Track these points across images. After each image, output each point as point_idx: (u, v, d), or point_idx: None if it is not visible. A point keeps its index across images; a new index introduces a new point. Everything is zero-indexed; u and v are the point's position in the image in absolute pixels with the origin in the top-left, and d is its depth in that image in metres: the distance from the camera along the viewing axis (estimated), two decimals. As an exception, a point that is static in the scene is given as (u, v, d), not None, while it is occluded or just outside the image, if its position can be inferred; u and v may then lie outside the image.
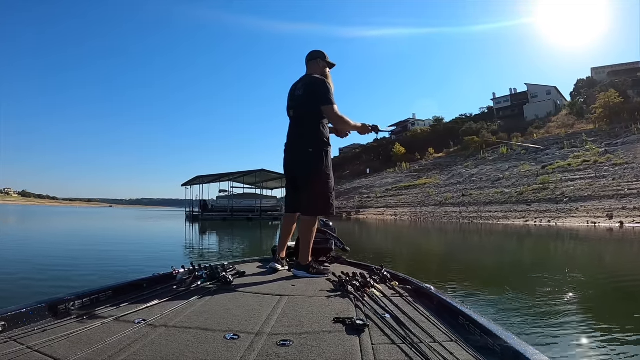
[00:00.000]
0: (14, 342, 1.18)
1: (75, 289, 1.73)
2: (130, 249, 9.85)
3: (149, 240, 13.31)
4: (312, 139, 2.64)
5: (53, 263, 6.54)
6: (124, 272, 5.65)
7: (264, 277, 2.44)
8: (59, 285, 4.58)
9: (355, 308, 1.72)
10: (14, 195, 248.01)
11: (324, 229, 3.00)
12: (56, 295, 1.57)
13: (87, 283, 4.63)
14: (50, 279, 5.13)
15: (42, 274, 5.45)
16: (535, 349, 1.08)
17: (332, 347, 1.23)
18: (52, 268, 5.98)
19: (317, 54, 2.83)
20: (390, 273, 2.38)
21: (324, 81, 2.66)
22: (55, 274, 5.44)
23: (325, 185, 2.65)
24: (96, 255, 8.09)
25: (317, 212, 2.68)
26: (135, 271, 5.31)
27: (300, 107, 2.70)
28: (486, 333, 1.27)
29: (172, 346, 1.20)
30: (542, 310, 3.79)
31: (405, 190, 40.02)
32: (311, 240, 2.61)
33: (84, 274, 5.55)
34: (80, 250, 8.97)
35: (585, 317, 3.58)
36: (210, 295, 1.89)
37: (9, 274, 5.51)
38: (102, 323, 1.38)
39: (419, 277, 2.34)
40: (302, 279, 2.39)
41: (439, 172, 42.63)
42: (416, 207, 32.71)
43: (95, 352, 1.13)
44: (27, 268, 5.97)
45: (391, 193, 41.33)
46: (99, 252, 8.76)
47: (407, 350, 1.20)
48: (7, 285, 4.70)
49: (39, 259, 6.97)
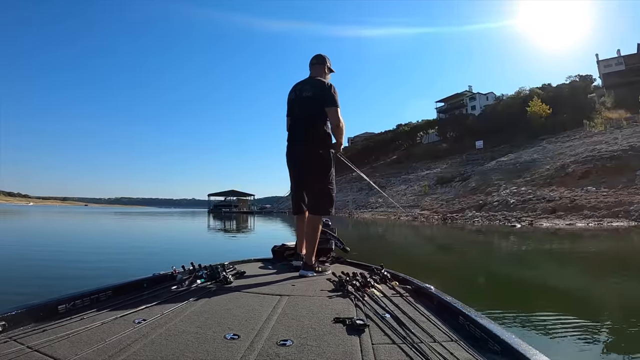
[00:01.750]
0: (14, 342, 1.19)
1: (76, 289, 1.72)
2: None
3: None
4: (321, 141, 2.74)
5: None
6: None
7: (264, 277, 2.45)
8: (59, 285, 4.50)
9: (356, 308, 1.73)
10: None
11: (324, 228, 3.02)
12: (56, 295, 1.56)
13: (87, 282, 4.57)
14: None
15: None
16: (536, 349, 1.09)
17: (332, 347, 1.24)
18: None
19: (323, 59, 2.91)
20: (391, 273, 2.39)
21: (333, 86, 2.75)
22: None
23: (330, 185, 2.77)
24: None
25: (323, 211, 2.75)
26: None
27: (309, 109, 2.75)
28: (486, 333, 1.28)
29: (172, 346, 1.21)
30: (543, 308, 3.74)
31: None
32: (317, 239, 2.70)
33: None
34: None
35: (586, 317, 3.51)
36: (210, 295, 1.89)
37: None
38: (102, 323, 1.38)
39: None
40: (302, 279, 2.40)
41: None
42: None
43: (95, 352, 1.13)
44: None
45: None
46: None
47: (407, 350, 1.21)
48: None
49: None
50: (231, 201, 60.51)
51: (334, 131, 2.78)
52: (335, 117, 2.71)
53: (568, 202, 17.94)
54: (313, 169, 2.76)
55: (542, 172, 24.01)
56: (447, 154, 43.64)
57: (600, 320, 3.43)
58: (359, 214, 33.49)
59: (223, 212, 51.46)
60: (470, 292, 4.46)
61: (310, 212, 2.77)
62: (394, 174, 44.58)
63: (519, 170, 26.64)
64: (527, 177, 24.52)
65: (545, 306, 3.86)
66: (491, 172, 28.75)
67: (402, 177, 41.90)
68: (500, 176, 26.89)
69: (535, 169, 25.10)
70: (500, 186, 24.81)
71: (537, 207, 18.78)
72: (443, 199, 28.42)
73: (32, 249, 8.29)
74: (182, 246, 10.32)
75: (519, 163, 28.03)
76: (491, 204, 21.98)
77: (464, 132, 46.84)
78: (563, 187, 20.53)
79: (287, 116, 2.92)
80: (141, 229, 18.58)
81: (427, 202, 29.64)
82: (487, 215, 20.15)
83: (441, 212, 24.49)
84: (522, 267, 6.76)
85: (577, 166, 22.17)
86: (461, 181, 31.43)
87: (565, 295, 4.57)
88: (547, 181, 22.41)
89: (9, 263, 6.28)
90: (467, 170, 33.66)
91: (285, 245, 3.20)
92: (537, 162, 26.38)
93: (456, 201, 26.16)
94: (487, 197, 23.68)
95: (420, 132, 57.86)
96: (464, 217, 21.08)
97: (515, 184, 24.04)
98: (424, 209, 27.54)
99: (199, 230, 18.16)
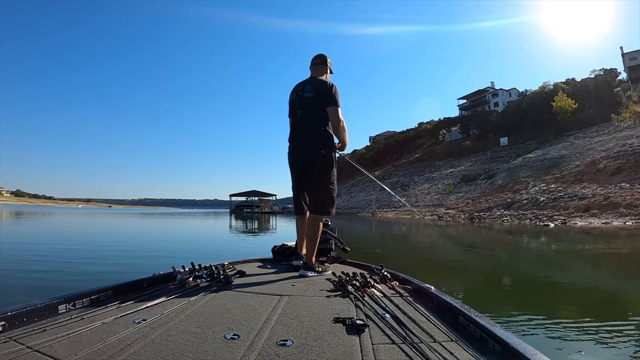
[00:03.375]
0: (14, 342, 1.20)
1: (75, 288, 1.74)
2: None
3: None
4: (324, 141, 2.75)
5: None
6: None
7: (264, 276, 2.47)
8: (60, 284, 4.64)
9: (355, 308, 1.72)
10: (6, 195, 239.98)
11: (324, 228, 3.01)
12: (56, 295, 1.57)
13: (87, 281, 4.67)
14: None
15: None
16: (536, 349, 1.09)
17: (332, 347, 1.24)
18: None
19: (324, 60, 2.92)
20: (391, 273, 2.39)
21: (334, 86, 2.75)
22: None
23: (332, 185, 2.78)
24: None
25: (324, 211, 2.76)
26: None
27: (310, 109, 2.76)
28: (486, 333, 1.28)
29: (172, 346, 1.21)
30: (544, 308, 3.70)
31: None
32: (318, 239, 2.71)
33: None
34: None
35: (587, 316, 3.50)
36: (210, 295, 1.90)
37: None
38: (102, 323, 1.39)
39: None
40: (302, 279, 2.41)
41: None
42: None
43: (95, 352, 1.14)
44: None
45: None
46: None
47: (407, 350, 1.21)
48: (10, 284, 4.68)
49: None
50: (253, 201, 61.13)
51: (335, 131, 2.77)
52: (336, 116, 2.70)
53: (602, 200, 17.19)
54: (314, 169, 2.76)
55: (572, 169, 23.14)
56: (471, 151, 42.80)
57: (615, 324, 3.32)
58: (382, 214, 33.34)
59: (245, 212, 52.31)
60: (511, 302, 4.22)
61: (311, 212, 2.78)
62: (417, 173, 43.98)
63: (547, 166, 25.72)
64: (556, 173, 23.67)
65: (576, 312, 3.76)
66: (518, 169, 27.85)
67: (426, 175, 41.24)
68: (528, 173, 26.05)
69: (565, 166, 24.21)
70: (528, 183, 24.06)
71: (569, 205, 18.09)
72: (469, 198, 27.83)
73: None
74: (206, 246, 10.61)
75: (546, 159, 27.03)
76: (520, 202, 21.33)
77: (487, 129, 45.75)
78: (595, 184, 19.70)
79: (289, 117, 2.93)
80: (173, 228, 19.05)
81: (452, 200, 29.10)
82: (516, 214, 19.58)
83: (467, 211, 23.99)
84: (573, 274, 6.21)
85: (609, 162, 21.21)
86: (487, 179, 30.70)
87: (590, 298, 4.42)
88: (577, 178, 21.56)
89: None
90: (493, 168, 32.87)
91: (285, 245, 3.22)
92: (566, 158, 25.44)
93: (483, 199, 25.51)
94: (515, 195, 23.00)
95: (442, 129, 56.82)
96: (492, 216, 20.59)
97: (544, 181, 23.27)
98: (449, 208, 27.06)
99: (221, 231, 18.49)
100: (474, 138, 48.00)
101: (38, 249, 8.56)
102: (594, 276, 5.84)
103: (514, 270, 6.20)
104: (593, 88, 38.98)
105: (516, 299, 4.40)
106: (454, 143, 49.61)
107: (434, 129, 57.92)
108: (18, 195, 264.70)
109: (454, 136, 53.26)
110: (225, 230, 18.60)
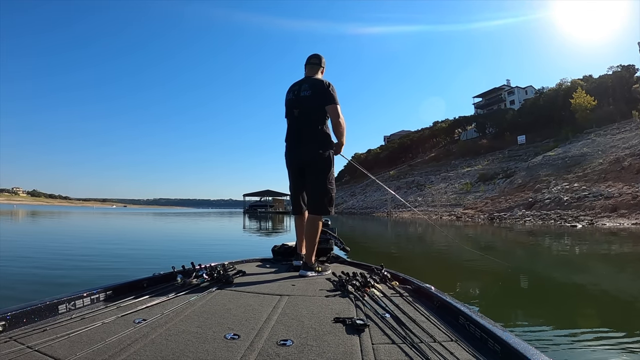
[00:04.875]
0: (14, 342, 1.20)
1: (75, 288, 1.74)
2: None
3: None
4: (322, 140, 2.75)
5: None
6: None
7: (264, 276, 2.47)
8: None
9: (356, 308, 1.72)
10: (22, 195, 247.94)
11: (324, 228, 3.01)
12: (56, 295, 1.58)
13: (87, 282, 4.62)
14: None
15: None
16: (536, 349, 1.07)
17: (332, 346, 1.24)
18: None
19: (319, 59, 2.92)
20: (391, 273, 2.37)
21: (331, 84, 2.74)
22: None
23: (330, 185, 2.76)
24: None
25: (323, 211, 2.74)
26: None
27: (308, 108, 2.75)
28: (486, 333, 1.27)
29: (172, 346, 1.21)
30: (544, 307, 3.62)
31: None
32: (317, 239, 2.70)
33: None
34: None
35: (588, 315, 3.45)
36: (211, 295, 1.90)
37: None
38: (102, 323, 1.39)
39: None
40: (302, 279, 2.40)
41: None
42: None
43: (95, 352, 1.14)
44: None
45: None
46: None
47: (407, 350, 1.21)
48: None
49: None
50: (267, 201, 60.68)
51: (335, 129, 2.77)
52: (336, 114, 2.70)
53: (630, 199, 16.50)
54: (312, 169, 2.75)
55: (595, 167, 22.44)
56: (488, 150, 42.18)
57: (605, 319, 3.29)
58: (398, 214, 33.08)
59: (258, 212, 52.11)
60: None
61: (310, 212, 2.77)
62: (433, 172, 43.53)
63: (568, 165, 25.05)
64: (578, 172, 22.99)
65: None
66: (538, 168, 27.24)
67: (442, 174, 40.74)
68: (549, 172, 25.40)
69: (587, 164, 23.54)
70: (549, 182, 23.40)
71: (595, 204, 17.41)
72: (487, 197, 27.28)
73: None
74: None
75: (568, 157, 26.37)
76: (542, 202, 20.70)
77: (504, 127, 45.02)
78: (621, 183, 18.95)
79: (286, 117, 2.92)
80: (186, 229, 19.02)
81: (470, 200, 28.62)
82: (539, 214, 18.96)
83: (487, 211, 23.45)
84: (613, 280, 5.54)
85: (634, 159, 20.46)
86: (505, 178, 30.09)
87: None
88: (601, 176, 20.83)
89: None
90: (511, 167, 32.18)
91: (285, 245, 3.22)
92: (588, 156, 24.80)
93: (502, 199, 24.91)
94: (536, 195, 22.36)
95: (458, 128, 56.25)
96: (513, 217, 19.95)
97: (566, 179, 22.59)
98: (468, 208, 26.63)
99: (235, 230, 18.46)
100: (491, 136, 47.35)
101: (37, 247, 8.62)
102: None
103: (545, 278, 5.77)
104: (611, 85, 38.06)
105: (539, 304, 4.15)
106: (470, 142, 48.98)
107: (449, 127, 57.33)
108: (34, 195, 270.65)
109: (470, 135, 52.57)
110: (239, 230, 18.52)
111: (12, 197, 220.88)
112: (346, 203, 49.66)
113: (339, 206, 49.22)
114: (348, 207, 46.66)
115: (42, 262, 6.13)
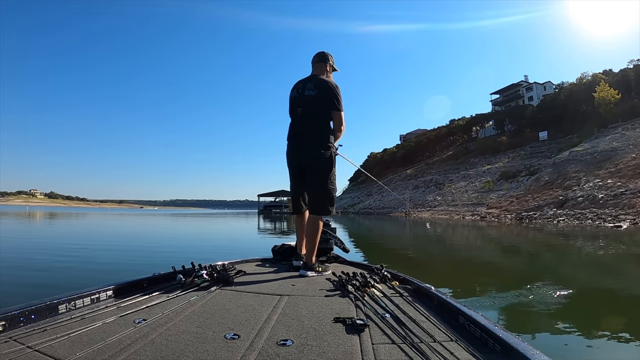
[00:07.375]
0: (14, 342, 1.19)
1: (75, 288, 1.75)
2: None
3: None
4: (324, 140, 2.71)
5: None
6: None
7: (264, 276, 2.46)
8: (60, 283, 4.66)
9: (356, 308, 1.71)
10: (40, 197, 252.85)
11: (324, 228, 2.99)
12: (56, 295, 1.59)
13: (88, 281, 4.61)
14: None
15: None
16: (536, 349, 1.06)
17: (332, 346, 1.22)
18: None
19: (326, 57, 2.88)
20: (391, 273, 2.35)
21: (338, 87, 2.72)
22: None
23: (331, 185, 2.74)
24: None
25: (324, 211, 2.72)
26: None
27: (312, 108, 2.73)
28: (486, 333, 1.25)
29: (172, 346, 1.21)
30: (543, 307, 3.53)
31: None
32: (318, 239, 2.68)
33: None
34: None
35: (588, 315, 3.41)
36: (211, 295, 1.90)
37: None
38: (102, 323, 1.39)
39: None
40: (302, 279, 2.39)
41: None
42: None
43: (95, 352, 1.13)
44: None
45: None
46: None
47: (407, 350, 1.19)
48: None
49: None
50: (282, 201, 59.59)
51: (337, 133, 2.76)
52: (340, 122, 2.72)
53: None
54: (314, 169, 2.73)
55: (628, 162, 21.25)
56: (508, 147, 41.26)
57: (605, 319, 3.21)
58: (416, 213, 32.45)
59: (273, 212, 50.99)
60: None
61: (310, 212, 2.74)
62: (452, 170, 42.83)
63: (598, 160, 23.84)
64: (610, 167, 21.86)
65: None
66: (566, 164, 26.05)
67: (461, 173, 40.00)
68: (578, 168, 24.27)
69: (619, 159, 22.34)
70: (580, 179, 22.29)
71: (635, 202, 16.23)
72: (512, 196, 26.37)
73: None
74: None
75: (597, 153, 25.11)
76: (574, 200, 19.59)
77: (523, 124, 44.17)
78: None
79: (290, 115, 2.89)
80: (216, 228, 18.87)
81: (494, 199, 27.79)
82: (572, 213, 17.88)
83: (513, 211, 22.55)
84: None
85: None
86: (529, 175, 29.20)
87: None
88: (636, 172, 19.70)
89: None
90: (534, 164, 31.28)
91: (285, 245, 3.20)
92: (619, 151, 23.60)
93: (529, 197, 23.89)
94: (567, 192, 21.29)
95: (475, 126, 55.37)
96: (544, 216, 18.96)
97: (598, 176, 21.49)
98: (492, 207, 25.84)
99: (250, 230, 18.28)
100: (510, 133, 46.42)
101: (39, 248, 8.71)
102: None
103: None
104: (634, 78, 36.88)
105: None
106: (489, 139, 48.06)
107: (466, 125, 56.54)
108: (51, 197, 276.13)
109: (488, 132, 51.71)
110: (254, 231, 18.23)
111: (29, 199, 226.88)
112: (362, 203, 49.33)
113: (355, 206, 48.77)
114: (364, 207, 46.28)
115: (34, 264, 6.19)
